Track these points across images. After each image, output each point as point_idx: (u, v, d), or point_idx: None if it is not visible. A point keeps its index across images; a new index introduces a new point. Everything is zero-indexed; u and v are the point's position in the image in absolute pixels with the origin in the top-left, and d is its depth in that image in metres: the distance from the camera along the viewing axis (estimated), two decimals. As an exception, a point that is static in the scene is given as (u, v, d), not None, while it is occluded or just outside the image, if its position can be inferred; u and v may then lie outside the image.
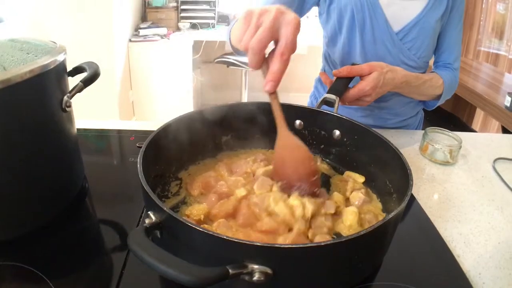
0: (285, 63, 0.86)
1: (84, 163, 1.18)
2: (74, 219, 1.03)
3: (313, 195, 0.97)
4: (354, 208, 0.99)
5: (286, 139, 0.98)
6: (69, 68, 1.07)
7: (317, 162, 1.22)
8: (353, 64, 1.34)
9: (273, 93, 0.92)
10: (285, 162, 0.99)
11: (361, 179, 1.13)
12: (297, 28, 0.84)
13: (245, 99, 5.37)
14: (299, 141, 0.98)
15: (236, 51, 1.41)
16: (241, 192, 1.00)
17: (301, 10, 1.57)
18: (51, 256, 0.89)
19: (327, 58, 1.73)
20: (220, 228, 0.88)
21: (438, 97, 1.61)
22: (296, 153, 0.98)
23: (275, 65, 0.86)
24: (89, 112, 2.58)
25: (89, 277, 0.85)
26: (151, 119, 4.79)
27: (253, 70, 0.89)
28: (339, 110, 1.22)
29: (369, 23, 1.48)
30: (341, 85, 1.29)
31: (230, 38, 1.38)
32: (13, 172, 0.87)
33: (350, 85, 1.31)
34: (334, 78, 1.33)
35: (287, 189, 0.97)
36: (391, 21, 1.48)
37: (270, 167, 1.11)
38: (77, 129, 1.14)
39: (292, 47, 0.85)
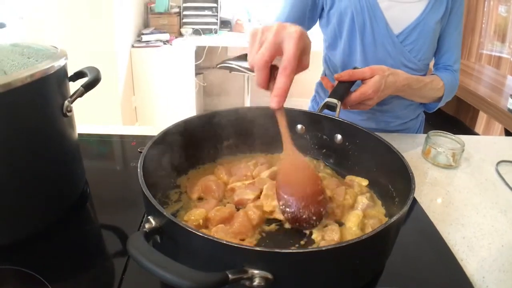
0: (289, 78, 0.83)
1: (85, 168, 1.17)
2: (75, 223, 1.03)
3: (318, 215, 0.93)
4: (359, 212, 0.99)
5: (292, 158, 0.96)
6: (71, 73, 1.07)
7: (320, 167, 1.22)
8: (354, 68, 1.34)
9: (279, 109, 0.90)
10: (290, 181, 0.95)
11: (364, 182, 1.12)
12: (299, 40, 0.83)
13: (247, 104, 5.37)
14: (306, 159, 0.97)
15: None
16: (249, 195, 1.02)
17: (313, 19, 1.60)
18: (51, 260, 0.89)
19: (327, 62, 1.73)
20: (218, 234, 0.88)
21: (439, 99, 1.61)
22: (302, 170, 0.96)
23: (278, 80, 0.84)
24: (92, 117, 2.59)
25: (89, 281, 0.85)
26: (154, 124, 4.78)
27: (262, 88, 0.88)
28: (340, 114, 1.22)
29: (369, 26, 1.48)
30: (342, 89, 1.29)
31: None
32: (13, 176, 0.87)
33: (351, 89, 1.31)
34: (336, 82, 1.33)
35: (289, 211, 0.93)
36: (391, 23, 1.48)
37: (274, 168, 1.12)
38: (79, 134, 1.14)
39: (295, 61, 0.83)
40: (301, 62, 0.88)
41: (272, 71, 0.88)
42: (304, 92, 2.00)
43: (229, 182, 1.11)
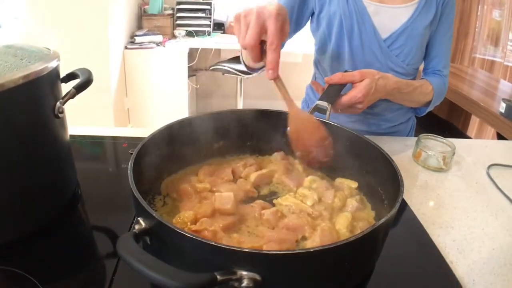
0: (276, 51, 0.95)
1: (77, 169, 1.17)
2: (66, 224, 1.03)
3: (329, 155, 1.11)
4: (348, 214, 0.99)
5: (296, 114, 1.10)
6: (64, 75, 1.07)
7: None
8: (345, 71, 1.35)
9: (276, 79, 1.00)
10: (299, 133, 1.11)
11: (354, 184, 1.13)
12: (277, 17, 0.94)
13: (240, 106, 5.37)
14: (307, 113, 1.12)
15: (251, 70, 1.46)
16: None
17: (300, 22, 1.62)
18: (43, 261, 0.90)
19: (317, 65, 1.75)
20: (203, 225, 0.89)
21: (428, 103, 1.63)
22: (307, 123, 1.10)
23: (268, 55, 0.96)
24: (84, 119, 2.58)
25: (80, 282, 0.85)
26: (147, 126, 4.76)
27: (255, 64, 1.07)
28: (330, 117, 1.22)
29: (357, 30, 1.50)
30: (333, 92, 1.29)
31: (242, 59, 1.48)
32: (3, 177, 0.87)
33: (341, 93, 1.31)
34: (326, 85, 1.33)
35: (305, 157, 1.13)
36: (379, 28, 1.50)
37: (263, 171, 1.14)
38: (71, 135, 1.14)
39: (278, 35, 0.95)
40: (283, 32, 0.98)
41: (262, 46, 1.00)
42: (298, 95, 2.00)
43: (204, 182, 1.11)
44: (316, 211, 1.01)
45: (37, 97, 0.91)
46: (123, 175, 1.22)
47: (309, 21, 1.65)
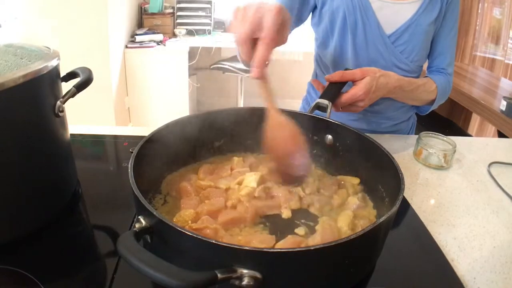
0: (266, 48, 0.87)
1: (77, 168, 1.17)
2: (67, 223, 1.02)
3: (302, 171, 1.04)
4: (350, 212, 0.99)
5: (276, 118, 1.00)
6: (64, 74, 1.07)
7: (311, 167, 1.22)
8: (345, 69, 1.34)
9: (261, 78, 0.92)
10: (275, 140, 1.01)
11: (356, 180, 1.12)
12: (277, 14, 0.86)
13: (241, 105, 5.37)
14: (288, 119, 1.00)
15: (245, 64, 1.45)
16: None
17: (301, 18, 1.60)
18: (44, 260, 0.89)
19: (318, 61, 1.73)
20: (204, 223, 0.89)
21: (432, 102, 1.61)
22: (285, 130, 1.00)
23: (257, 50, 0.88)
24: (85, 118, 2.59)
25: (81, 281, 0.85)
26: (148, 125, 4.75)
27: (247, 61, 0.91)
28: (331, 114, 1.22)
29: (361, 26, 1.48)
30: (333, 90, 1.29)
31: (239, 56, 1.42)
32: (4, 176, 0.87)
33: (342, 91, 1.31)
34: (327, 83, 1.33)
35: (281, 169, 1.04)
36: (383, 24, 1.49)
37: (259, 174, 1.12)
38: (72, 134, 1.14)
39: (273, 31, 0.86)
40: (281, 36, 0.91)
41: (254, 43, 0.90)
42: (298, 94, 2.01)
43: (204, 180, 1.10)
44: (324, 211, 1.02)
45: (37, 96, 0.91)
46: (124, 174, 1.23)
47: (310, 15, 1.64)
